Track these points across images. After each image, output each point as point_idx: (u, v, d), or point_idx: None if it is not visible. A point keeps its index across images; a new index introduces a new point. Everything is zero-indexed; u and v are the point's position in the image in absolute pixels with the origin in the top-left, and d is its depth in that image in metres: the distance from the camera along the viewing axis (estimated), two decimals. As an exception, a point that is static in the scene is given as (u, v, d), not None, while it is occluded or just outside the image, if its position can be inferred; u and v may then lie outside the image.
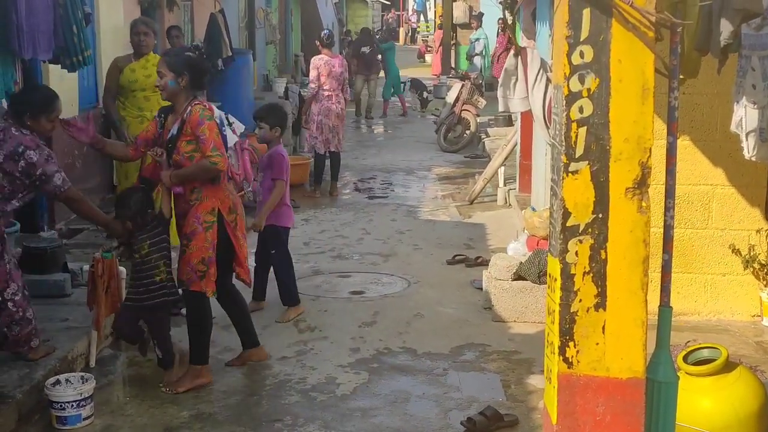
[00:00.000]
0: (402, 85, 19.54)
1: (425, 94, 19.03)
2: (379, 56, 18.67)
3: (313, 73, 10.61)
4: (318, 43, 10.97)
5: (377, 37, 21.63)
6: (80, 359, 5.31)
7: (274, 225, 6.36)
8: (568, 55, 2.91)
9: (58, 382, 4.69)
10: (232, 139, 9.36)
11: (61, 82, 7.68)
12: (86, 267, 5.86)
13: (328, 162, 10.93)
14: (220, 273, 5.01)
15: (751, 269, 5.96)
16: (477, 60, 18.91)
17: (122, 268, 5.73)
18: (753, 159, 4.02)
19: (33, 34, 5.48)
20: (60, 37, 5.81)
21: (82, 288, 5.83)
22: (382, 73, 18.99)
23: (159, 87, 4.92)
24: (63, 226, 7.88)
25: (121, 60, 7.10)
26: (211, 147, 4.79)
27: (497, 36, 19.38)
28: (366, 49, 18.22)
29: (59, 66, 6.23)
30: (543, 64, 5.43)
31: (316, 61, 10.67)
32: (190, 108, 4.85)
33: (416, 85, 19.46)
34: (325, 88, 10.57)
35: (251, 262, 5.97)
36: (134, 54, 6.98)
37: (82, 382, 4.71)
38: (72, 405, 4.58)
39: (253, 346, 5.47)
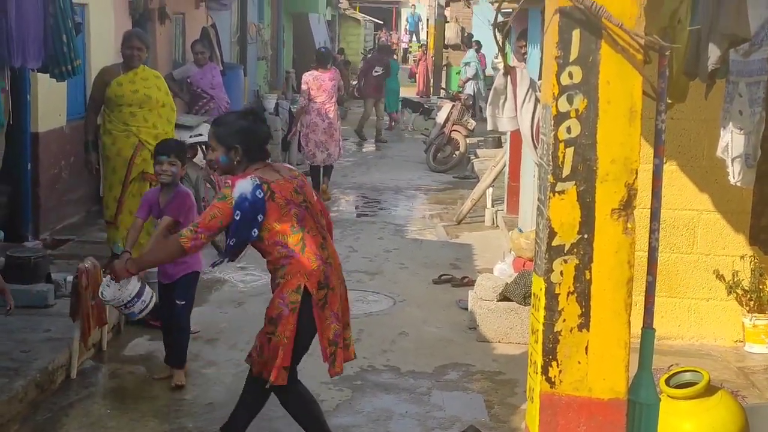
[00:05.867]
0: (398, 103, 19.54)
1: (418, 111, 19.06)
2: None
3: (303, 87, 11.24)
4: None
5: (369, 56, 21.47)
6: (61, 370, 5.26)
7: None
8: (557, 76, 2.92)
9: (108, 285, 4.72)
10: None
11: (50, 91, 7.68)
12: (70, 278, 5.83)
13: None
14: (294, 360, 4.26)
15: (735, 295, 5.98)
16: (469, 85, 18.86)
17: (107, 279, 5.71)
18: (738, 184, 4.05)
19: (23, 42, 5.46)
20: (50, 46, 5.78)
21: (65, 299, 5.79)
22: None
23: (211, 162, 4.25)
24: (47, 236, 7.86)
25: (108, 72, 7.02)
26: (195, 223, 4.07)
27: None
28: (380, 70, 17.76)
29: (48, 75, 6.20)
30: (532, 84, 5.45)
31: (305, 76, 11.27)
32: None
33: (408, 104, 19.44)
34: (315, 101, 10.99)
35: None
36: (123, 65, 6.92)
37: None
38: (131, 302, 4.68)
39: None
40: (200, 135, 9.33)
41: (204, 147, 9.21)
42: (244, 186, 4.02)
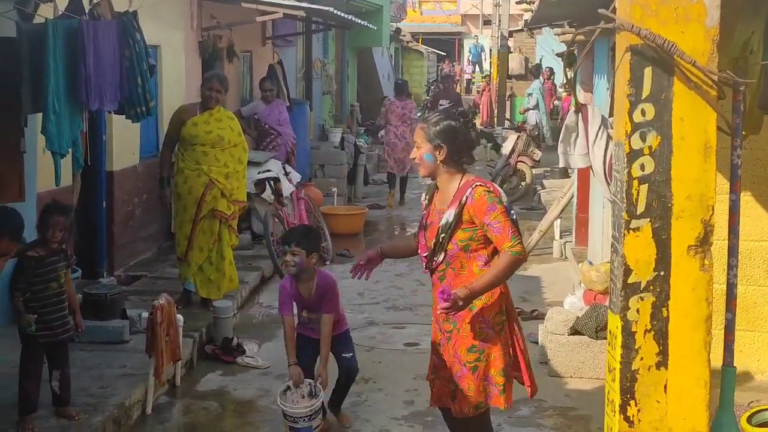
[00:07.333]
0: None
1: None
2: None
3: (382, 110, 13.38)
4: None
5: (433, 87, 21.23)
6: (137, 406, 5.36)
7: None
8: (630, 113, 2.90)
9: (288, 388, 4.96)
10: (288, 188, 9.54)
11: (124, 131, 7.89)
12: (144, 314, 5.94)
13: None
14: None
15: (816, 328, 5.81)
16: (531, 114, 18.71)
17: (180, 316, 5.81)
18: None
19: (100, 86, 5.62)
20: (125, 88, 5.94)
21: (140, 335, 5.91)
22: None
23: (415, 160, 4.17)
24: (122, 272, 8.03)
25: (186, 111, 7.18)
26: (511, 235, 3.89)
27: (542, 83, 19.31)
28: (444, 103, 16.67)
29: (123, 116, 6.37)
30: (603, 121, 5.41)
31: (385, 101, 13.56)
32: (471, 191, 3.97)
33: (485, 135, 19.26)
34: (391, 124, 13.01)
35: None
36: (200, 105, 7.07)
37: (312, 396, 4.95)
38: (304, 419, 4.87)
39: None
40: (269, 171, 9.47)
41: (272, 182, 9.33)
42: (499, 190, 4.05)
